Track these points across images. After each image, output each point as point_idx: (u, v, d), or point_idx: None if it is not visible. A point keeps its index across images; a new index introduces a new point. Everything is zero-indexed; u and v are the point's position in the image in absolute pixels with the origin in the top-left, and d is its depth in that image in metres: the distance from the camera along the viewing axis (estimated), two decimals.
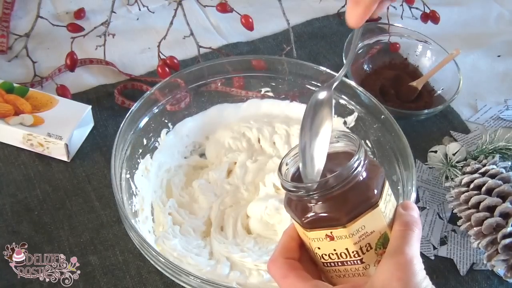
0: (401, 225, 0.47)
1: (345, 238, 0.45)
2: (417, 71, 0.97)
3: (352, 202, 0.45)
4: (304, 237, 0.49)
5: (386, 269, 0.45)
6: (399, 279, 0.44)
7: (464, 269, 0.75)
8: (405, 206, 0.49)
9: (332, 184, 0.45)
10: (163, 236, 0.70)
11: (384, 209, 0.47)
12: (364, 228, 0.46)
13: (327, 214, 0.45)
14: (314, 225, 0.46)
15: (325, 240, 0.46)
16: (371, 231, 0.46)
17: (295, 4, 1.08)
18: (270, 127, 0.83)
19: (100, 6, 1.03)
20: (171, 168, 0.79)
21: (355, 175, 0.45)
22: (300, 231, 0.48)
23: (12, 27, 0.98)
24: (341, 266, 0.48)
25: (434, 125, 0.92)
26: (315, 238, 0.47)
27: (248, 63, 0.83)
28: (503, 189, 0.74)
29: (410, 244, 0.46)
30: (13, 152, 0.81)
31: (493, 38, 1.08)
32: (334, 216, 0.45)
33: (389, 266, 0.45)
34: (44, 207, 0.75)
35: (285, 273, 0.48)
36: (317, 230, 0.46)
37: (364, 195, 0.46)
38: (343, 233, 0.45)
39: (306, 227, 0.47)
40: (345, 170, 0.45)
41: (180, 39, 0.94)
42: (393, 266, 0.44)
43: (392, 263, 0.45)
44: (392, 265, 0.45)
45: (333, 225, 0.45)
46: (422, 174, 0.84)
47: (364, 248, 0.46)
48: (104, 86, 0.91)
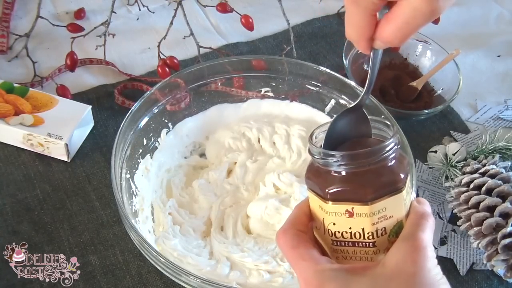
0: (416, 214, 0.48)
1: (365, 216, 0.46)
2: (417, 71, 0.97)
3: (380, 181, 0.46)
4: (318, 212, 0.48)
5: (400, 251, 0.45)
6: (413, 262, 0.44)
7: (464, 269, 0.75)
8: (420, 201, 0.50)
9: (368, 158, 0.45)
10: (163, 236, 0.70)
11: (405, 197, 0.47)
12: (385, 210, 0.46)
13: (353, 188, 0.46)
14: (338, 197, 0.46)
15: (343, 215, 0.46)
16: (390, 216, 0.47)
17: (295, 4, 1.08)
18: (270, 127, 0.83)
19: (100, 6, 1.03)
20: (171, 168, 0.79)
21: (389, 154, 0.46)
22: (317, 204, 0.48)
23: (12, 27, 0.98)
24: (351, 247, 0.48)
25: (434, 125, 0.92)
26: (333, 212, 0.47)
27: (248, 63, 0.83)
28: (503, 189, 0.74)
29: (424, 231, 0.46)
30: (13, 152, 0.81)
31: (493, 38, 1.08)
32: (361, 191, 0.45)
33: (404, 249, 0.45)
34: (44, 207, 0.76)
35: (295, 244, 0.48)
36: (338, 204, 0.46)
37: (392, 177, 0.46)
38: (365, 210, 0.46)
39: (328, 199, 0.47)
40: (382, 147, 0.46)
41: (180, 39, 0.94)
42: (408, 249, 0.45)
43: (407, 246, 0.45)
44: (407, 248, 0.45)
45: (357, 200, 0.46)
46: (422, 174, 0.84)
47: (379, 232, 0.46)
48: (104, 86, 0.91)
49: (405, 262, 0.44)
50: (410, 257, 0.44)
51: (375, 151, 0.46)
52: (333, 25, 1.06)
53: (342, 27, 1.04)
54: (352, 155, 0.46)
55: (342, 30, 1.10)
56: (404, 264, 0.44)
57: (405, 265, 0.44)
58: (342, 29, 0.48)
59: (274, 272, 0.69)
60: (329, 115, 0.84)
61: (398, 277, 0.43)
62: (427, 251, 0.45)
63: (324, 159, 0.47)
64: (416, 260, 0.44)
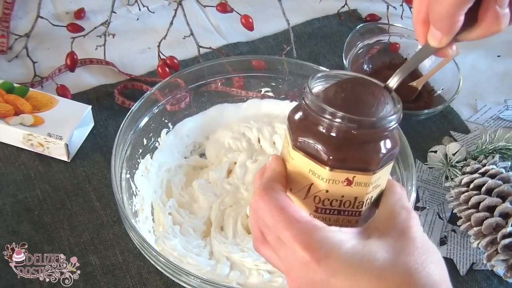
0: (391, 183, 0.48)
1: (363, 186, 0.44)
2: (417, 71, 0.97)
3: (386, 150, 0.44)
4: (306, 176, 0.44)
5: (389, 203, 0.45)
6: (403, 208, 0.45)
7: (464, 269, 0.75)
8: None
9: (386, 125, 0.43)
10: (163, 236, 0.70)
11: None
12: (379, 179, 0.45)
13: (361, 156, 0.43)
14: (341, 165, 0.43)
15: (340, 183, 0.44)
16: (379, 184, 0.46)
17: (295, 4, 1.08)
18: (270, 127, 0.83)
19: (100, 6, 1.03)
20: (171, 168, 0.79)
21: (396, 124, 0.44)
22: (307, 167, 0.44)
23: (12, 27, 0.98)
24: (335, 215, 0.45)
25: (434, 125, 0.92)
26: (330, 180, 0.43)
27: (248, 63, 0.83)
28: (503, 189, 0.74)
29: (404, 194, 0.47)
30: (13, 152, 0.81)
31: (493, 38, 1.06)
32: (368, 160, 0.43)
33: (391, 200, 0.45)
34: (44, 207, 0.76)
35: (283, 204, 0.43)
36: (339, 172, 0.43)
37: (395, 144, 0.45)
38: (366, 180, 0.44)
39: (329, 165, 0.43)
40: (396, 114, 0.44)
41: (180, 39, 0.94)
42: (397, 197, 0.45)
43: (395, 197, 0.46)
44: (395, 197, 0.46)
45: (361, 169, 0.43)
46: (422, 174, 0.84)
47: (368, 200, 0.46)
48: (104, 86, 0.91)
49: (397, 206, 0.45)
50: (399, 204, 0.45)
51: (391, 119, 0.44)
52: (333, 25, 1.06)
53: (342, 27, 1.05)
54: (372, 122, 0.43)
55: (342, 30, 1.11)
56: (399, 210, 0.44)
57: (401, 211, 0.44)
58: (342, 29, 0.48)
59: (274, 272, 0.69)
60: None
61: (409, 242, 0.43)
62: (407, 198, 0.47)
63: (337, 121, 0.42)
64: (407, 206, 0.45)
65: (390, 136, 0.45)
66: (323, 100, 0.44)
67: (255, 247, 0.49)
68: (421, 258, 0.41)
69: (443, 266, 0.43)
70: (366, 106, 0.44)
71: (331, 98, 0.45)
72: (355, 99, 0.45)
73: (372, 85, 0.47)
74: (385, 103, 0.45)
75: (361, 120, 0.42)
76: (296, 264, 0.42)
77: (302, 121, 0.45)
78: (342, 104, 0.44)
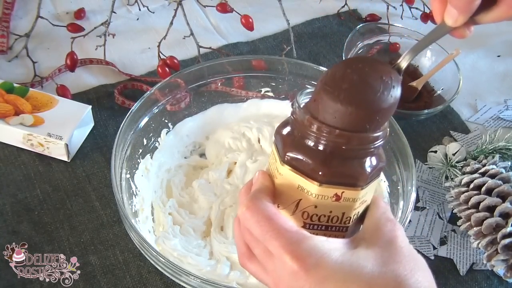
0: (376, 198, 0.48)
1: (352, 201, 0.44)
2: (417, 71, 0.97)
3: (374, 166, 0.44)
4: (294, 191, 0.44)
5: (375, 216, 0.45)
6: (388, 220, 0.45)
7: (464, 269, 0.75)
8: None
9: (376, 141, 0.43)
10: (163, 236, 0.70)
11: None
12: (366, 195, 0.45)
13: (351, 172, 0.43)
14: (331, 180, 0.43)
15: (329, 199, 0.43)
16: (366, 200, 0.46)
17: (295, 4, 1.08)
18: (270, 127, 0.83)
19: (100, 6, 1.03)
20: (171, 168, 0.79)
21: (384, 140, 0.44)
22: (296, 183, 0.43)
23: (12, 27, 0.98)
24: (322, 231, 0.45)
25: (434, 125, 0.92)
26: (319, 195, 0.43)
27: (248, 63, 0.83)
28: (503, 189, 0.74)
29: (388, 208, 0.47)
30: (13, 152, 0.81)
31: (493, 38, 1.08)
32: (358, 176, 0.43)
33: (376, 213, 0.46)
34: (44, 207, 0.76)
35: (272, 214, 0.42)
36: (329, 187, 0.43)
37: (380, 160, 0.45)
38: (354, 195, 0.44)
39: (319, 181, 0.42)
40: (386, 132, 0.44)
41: (180, 39, 0.94)
42: (381, 210, 0.46)
43: (380, 210, 0.46)
44: (380, 211, 0.46)
45: (350, 185, 0.43)
46: (422, 174, 0.84)
47: (355, 216, 0.46)
48: (104, 86, 0.91)
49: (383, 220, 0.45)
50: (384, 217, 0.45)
51: (382, 135, 0.43)
52: (333, 25, 1.06)
53: (342, 27, 1.05)
54: (364, 138, 0.42)
55: (342, 30, 1.11)
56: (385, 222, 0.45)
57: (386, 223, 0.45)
58: (342, 29, 0.48)
59: None
60: None
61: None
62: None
63: (327, 136, 0.42)
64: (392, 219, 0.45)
65: (377, 153, 0.45)
66: (329, 81, 0.43)
67: (241, 263, 0.48)
68: (409, 266, 0.42)
69: (430, 273, 0.44)
70: (372, 92, 0.43)
71: (338, 80, 0.43)
72: (361, 83, 0.43)
73: (380, 66, 0.46)
74: (391, 87, 0.44)
75: (351, 136, 0.42)
76: (285, 274, 0.41)
77: (290, 136, 0.45)
78: (348, 88, 0.42)
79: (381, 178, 0.78)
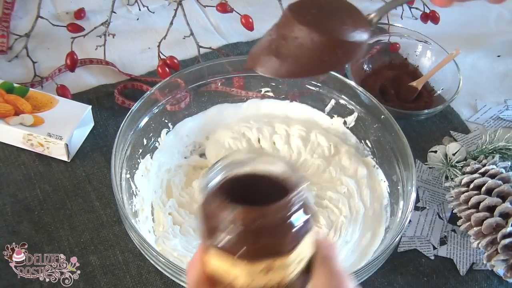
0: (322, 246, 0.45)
1: (285, 268, 0.41)
2: (417, 71, 0.97)
3: (300, 225, 0.41)
4: (227, 271, 0.42)
5: (321, 272, 0.43)
6: (337, 273, 0.43)
7: (464, 269, 0.75)
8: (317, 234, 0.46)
9: (289, 209, 0.40)
10: (163, 236, 0.70)
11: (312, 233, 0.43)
12: (301, 253, 0.42)
13: (273, 242, 0.40)
14: (256, 255, 0.40)
15: (260, 273, 0.41)
16: (303, 257, 0.43)
17: None
18: (270, 127, 0.83)
19: (100, 6, 1.03)
20: (171, 168, 0.79)
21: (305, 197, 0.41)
22: (225, 263, 0.41)
23: (12, 27, 0.98)
24: None
25: (434, 125, 0.92)
26: (250, 272, 0.41)
27: None
28: (503, 189, 0.74)
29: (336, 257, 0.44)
30: (13, 152, 0.81)
31: (493, 38, 1.08)
32: (283, 243, 0.40)
33: (323, 268, 0.43)
34: (44, 207, 0.76)
35: None
36: (257, 263, 0.40)
37: (308, 215, 0.42)
38: (285, 261, 0.41)
39: (247, 259, 0.40)
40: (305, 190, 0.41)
41: (180, 39, 0.94)
42: (327, 262, 0.43)
43: (326, 262, 0.43)
44: (326, 264, 0.43)
45: (276, 253, 0.40)
46: (422, 174, 0.84)
47: (294, 277, 0.43)
48: (104, 86, 0.91)
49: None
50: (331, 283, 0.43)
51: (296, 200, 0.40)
52: None
53: None
54: (276, 208, 0.39)
55: None
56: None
57: None
58: None
59: None
60: (329, 115, 0.84)
61: None
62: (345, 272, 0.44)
63: (241, 217, 0.39)
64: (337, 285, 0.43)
65: (301, 208, 0.41)
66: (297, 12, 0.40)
67: None
68: None
69: None
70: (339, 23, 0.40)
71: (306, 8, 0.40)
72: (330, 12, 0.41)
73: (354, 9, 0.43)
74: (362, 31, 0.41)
75: (264, 211, 0.39)
76: None
77: (210, 220, 0.42)
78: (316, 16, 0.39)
79: (381, 178, 0.78)
